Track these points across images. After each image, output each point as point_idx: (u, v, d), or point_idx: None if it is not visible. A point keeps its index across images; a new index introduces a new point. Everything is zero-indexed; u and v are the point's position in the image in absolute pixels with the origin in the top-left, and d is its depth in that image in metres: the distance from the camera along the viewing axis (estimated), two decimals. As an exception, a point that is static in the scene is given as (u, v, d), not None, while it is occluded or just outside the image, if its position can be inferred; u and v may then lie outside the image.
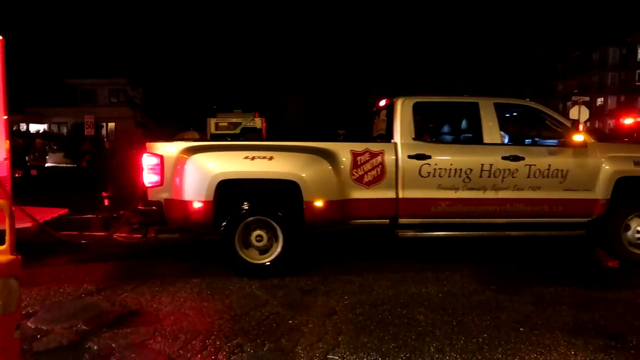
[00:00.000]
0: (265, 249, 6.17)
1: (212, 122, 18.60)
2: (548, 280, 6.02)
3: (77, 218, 7.54)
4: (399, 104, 6.68)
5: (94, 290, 5.63)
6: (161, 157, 6.06)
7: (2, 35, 7.64)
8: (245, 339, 4.30)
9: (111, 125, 42.40)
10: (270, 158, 6.08)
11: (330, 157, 6.22)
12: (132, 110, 36.01)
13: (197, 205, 5.95)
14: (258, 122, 18.54)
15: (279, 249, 6.11)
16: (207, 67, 31.31)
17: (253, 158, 6.05)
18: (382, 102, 7.56)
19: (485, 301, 5.31)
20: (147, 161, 6.10)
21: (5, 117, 7.79)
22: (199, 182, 5.97)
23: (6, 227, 3.47)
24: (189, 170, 6.01)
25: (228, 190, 6.06)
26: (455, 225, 6.61)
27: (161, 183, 6.06)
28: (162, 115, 32.61)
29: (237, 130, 17.87)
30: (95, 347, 4.13)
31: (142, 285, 5.77)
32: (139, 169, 6.25)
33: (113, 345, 4.17)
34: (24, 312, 4.81)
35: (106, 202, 7.60)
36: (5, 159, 7.59)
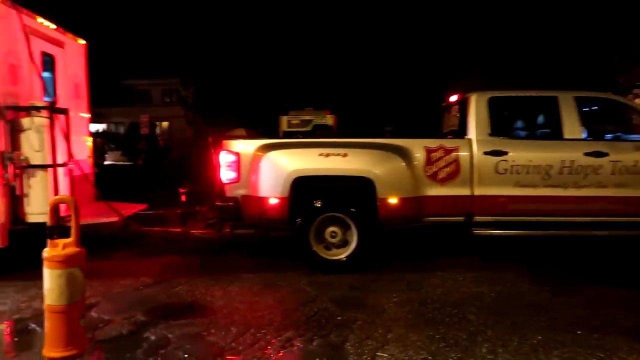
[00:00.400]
0: (338, 245, 6.23)
1: (285, 119, 18.86)
2: (606, 283, 5.77)
3: (156, 213, 7.88)
4: (473, 99, 6.55)
5: (151, 282, 5.88)
6: (238, 155, 6.22)
7: (85, 40, 8.11)
8: (295, 334, 4.37)
9: (165, 124, 43.90)
10: (345, 155, 6.15)
11: (403, 153, 6.20)
12: (183, 109, 37.20)
13: (273, 201, 6.10)
14: (330, 120, 18.67)
15: (353, 246, 6.15)
16: (264, 65, 31.67)
17: (327, 155, 6.14)
18: (453, 98, 7.44)
19: (540, 302, 5.16)
20: (224, 158, 6.28)
21: (89, 116, 8.30)
22: (275, 179, 6.11)
23: (72, 221, 3.69)
24: (265, 167, 6.16)
25: (302, 187, 6.16)
26: (533, 224, 6.40)
27: (238, 180, 6.23)
28: (212, 114, 33.45)
29: (309, 128, 18.07)
30: (153, 338, 4.31)
31: (196, 279, 5.96)
32: (216, 166, 6.46)
33: (169, 335, 4.34)
34: (87, 303, 5.07)
35: (183, 198, 7.91)
36: (89, 157, 8.06)
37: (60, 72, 7.45)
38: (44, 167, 6.12)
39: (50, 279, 3.55)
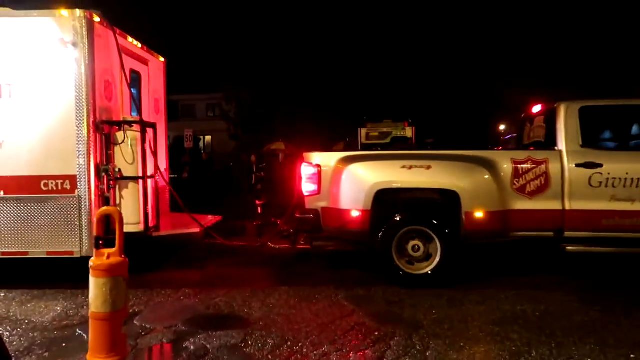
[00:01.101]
0: (420, 259, 6.13)
1: (363, 131, 18.94)
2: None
3: (232, 225, 8.10)
4: (562, 109, 6.32)
5: (191, 293, 5.99)
6: (319, 167, 6.29)
7: (164, 58, 8.50)
8: (331, 348, 4.33)
9: (208, 138, 45.05)
10: (428, 167, 6.09)
11: (489, 165, 6.09)
12: (226, 123, 38.10)
13: (355, 214, 6.11)
14: (409, 132, 18.63)
15: (437, 260, 6.04)
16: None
17: (410, 167, 6.10)
18: (537, 108, 7.22)
19: (589, 322, 4.90)
20: (305, 171, 6.37)
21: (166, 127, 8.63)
22: (357, 191, 6.12)
23: (116, 231, 3.80)
24: (346, 180, 6.18)
25: (385, 200, 6.13)
26: (629, 240, 6.07)
27: (318, 192, 6.28)
28: (253, 127, 34.11)
29: (388, 140, 18.11)
30: (192, 348, 4.38)
31: (234, 291, 6.02)
32: (296, 179, 6.57)
33: (208, 346, 4.40)
34: (130, 311, 5.22)
35: (259, 210, 8.11)
36: (166, 170, 8.38)
37: (144, 89, 7.86)
38: (135, 179, 6.41)
39: (96, 287, 3.66)
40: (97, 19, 6.13)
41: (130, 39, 7.26)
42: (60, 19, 5.99)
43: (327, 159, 6.33)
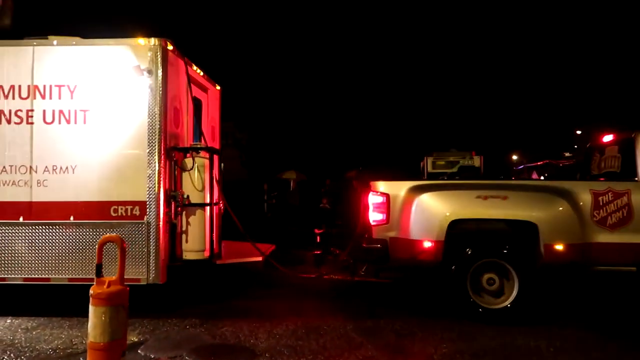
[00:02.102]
0: (495, 293, 5.90)
1: (429, 160, 18.86)
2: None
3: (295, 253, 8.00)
4: None
5: (197, 322, 5.88)
6: (387, 196, 6.15)
7: (219, 86, 8.61)
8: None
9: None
10: (504, 198, 5.92)
11: (567, 196, 5.89)
12: (238, 151, 38.52)
13: (427, 244, 5.95)
14: (476, 160, 18.49)
15: (514, 294, 5.80)
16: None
17: (486, 198, 5.94)
18: (608, 137, 6.99)
19: (606, 358, 4.77)
20: (373, 200, 6.22)
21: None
22: (430, 221, 5.97)
23: (118, 260, 3.75)
24: (418, 209, 6.03)
25: (459, 231, 5.96)
26: None
27: (387, 221, 6.12)
28: (264, 156, 34.28)
29: (455, 169, 17.99)
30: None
31: (241, 321, 5.90)
32: (362, 208, 6.44)
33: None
34: (135, 340, 5.21)
35: (318, 239, 8.01)
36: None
37: (204, 116, 7.93)
38: (203, 205, 6.39)
39: (95, 316, 3.58)
40: (170, 47, 6.22)
41: (194, 67, 7.35)
42: (136, 47, 6.09)
43: (397, 188, 6.19)
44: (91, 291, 3.64)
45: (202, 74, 7.72)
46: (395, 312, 6.05)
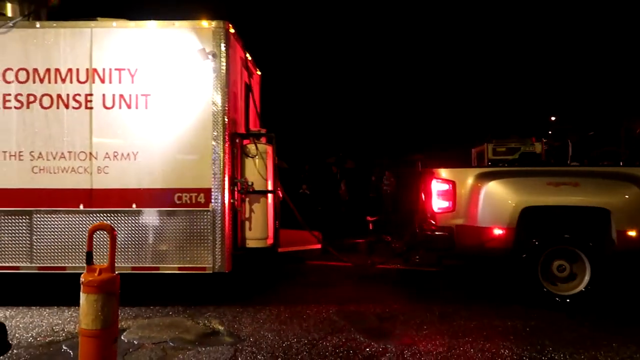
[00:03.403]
0: (565, 280, 5.89)
1: (490, 147, 18.70)
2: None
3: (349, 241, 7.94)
4: None
5: (180, 309, 5.86)
6: (453, 183, 6.11)
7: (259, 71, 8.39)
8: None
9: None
10: (576, 184, 5.89)
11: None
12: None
13: (497, 232, 5.91)
14: (538, 147, 18.36)
15: (585, 281, 5.79)
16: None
17: (557, 184, 5.91)
18: None
19: (579, 338, 4.89)
20: (438, 187, 6.18)
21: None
22: (500, 209, 5.93)
23: (109, 248, 3.69)
24: (487, 196, 5.98)
25: (528, 218, 5.92)
26: None
27: (453, 209, 6.09)
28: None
29: (516, 156, 17.85)
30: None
31: (224, 306, 5.90)
32: (427, 195, 6.37)
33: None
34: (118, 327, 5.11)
35: (370, 227, 7.94)
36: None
37: (250, 101, 7.77)
38: (266, 192, 6.27)
39: (86, 304, 3.55)
40: (231, 29, 6.05)
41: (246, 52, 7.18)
42: (200, 30, 5.91)
43: (463, 175, 6.16)
44: (82, 279, 3.60)
45: (250, 58, 7.55)
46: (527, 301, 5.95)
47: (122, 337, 4.91)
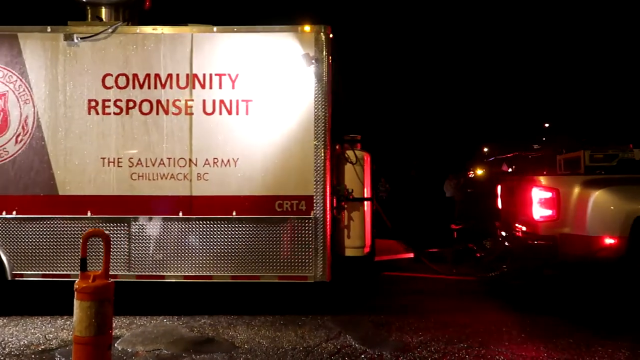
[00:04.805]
0: None
1: (587, 154, 18.54)
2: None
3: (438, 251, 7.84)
4: None
5: (175, 316, 5.80)
6: (556, 191, 5.99)
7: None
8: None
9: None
10: None
11: None
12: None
13: (608, 241, 5.75)
14: (637, 154, 18.17)
15: None
16: None
17: None
18: None
19: (574, 344, 4.85)
20: (539, 195, 6.06)
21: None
22: (612, 217, 5.79)
23: (104, 254, 3.67)
24: (596, 205, 5.83)
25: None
26: None
27: (557, 217, 5.96)
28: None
29: (614, 163, 17.67)
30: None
31: (219, 313, 5.86)
32: (524, 203, 6.22)
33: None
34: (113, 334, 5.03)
35: (455, 235, 7.82)
36: None
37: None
38: (364, 200, 6.13)
39: (80, 310, 3.52)
40: (330, 34, 5.95)
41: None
42: (302, 35, 5.82)
43: (568, 183, 6.05)
44: (76, 285, 3.57)
45: None
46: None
47: (116, 345, 4.87)
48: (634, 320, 5.64)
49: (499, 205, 8.00)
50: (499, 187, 8.07)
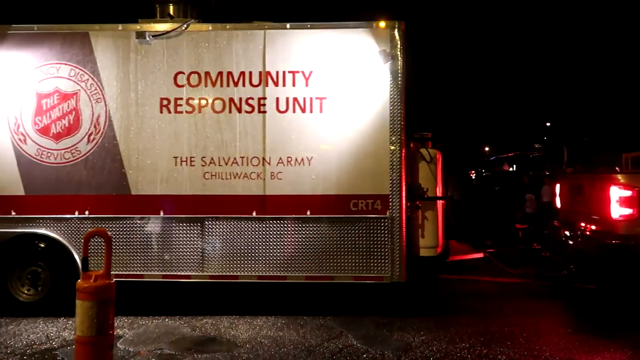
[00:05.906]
0: None
1: (630, 156, 18.43)
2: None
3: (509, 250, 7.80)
4: None
5: (177, 316, 5.73)
6: (637, 189, 5.89)
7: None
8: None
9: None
10: None
11: None
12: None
13: None
14: None
15: None
16: None
17: None
18: None
19: (577, 343, 4.84)
20: (618, 193, 5.97)
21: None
22: None
23: (105, 254, 3.65)
24: None
25: None
26: None
27: (637, 216, 5.87)
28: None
29: None
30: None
31: (221, 313, 5.78)
32: (601, 202, 6.10)
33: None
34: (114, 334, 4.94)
35: (520, 235, 7.71)
36: None
37: None
38: (438, 199, 6.04)
39: (82, 310, 3.51)
40: (404, 30, 5.83)
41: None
42: (377, 31, 5.71)
43: None
44: (78, 285, 3.55)
45: None
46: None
47: (118, 344, 4.82)
48: None
49: (558, 204, 7.85)
50: (557, 186, 7.91)
